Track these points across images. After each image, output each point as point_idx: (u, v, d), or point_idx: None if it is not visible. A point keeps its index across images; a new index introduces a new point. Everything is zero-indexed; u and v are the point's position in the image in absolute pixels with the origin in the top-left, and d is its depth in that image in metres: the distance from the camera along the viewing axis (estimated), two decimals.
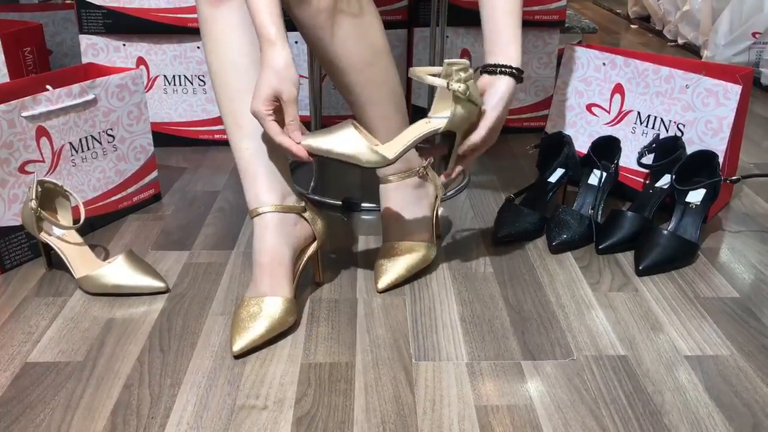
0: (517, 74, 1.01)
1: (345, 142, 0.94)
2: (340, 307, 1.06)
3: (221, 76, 1.01)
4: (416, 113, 1.75)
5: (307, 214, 1.03)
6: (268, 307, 0.96)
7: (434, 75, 0.96)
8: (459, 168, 1.04)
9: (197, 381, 0.89)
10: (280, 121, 0.93)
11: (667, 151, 1.28)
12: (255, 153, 1.01)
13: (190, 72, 1.66)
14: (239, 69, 1.00)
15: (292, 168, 1.56)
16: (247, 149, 1.01)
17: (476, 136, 1.00)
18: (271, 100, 0.91)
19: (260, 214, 1.00)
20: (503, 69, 1.00)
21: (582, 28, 2.12)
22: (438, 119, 0.97)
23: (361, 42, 1.01)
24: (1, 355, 0.94)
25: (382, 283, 1.09)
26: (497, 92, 1.00)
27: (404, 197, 1.13)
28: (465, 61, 0.94)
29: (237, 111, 1.01)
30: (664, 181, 1.28)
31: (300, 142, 0.92)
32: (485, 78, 1.02)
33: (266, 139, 1.02)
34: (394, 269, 1.10)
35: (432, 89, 1.54)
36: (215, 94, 1.03)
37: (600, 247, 1.20)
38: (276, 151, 1.02)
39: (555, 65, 1.75)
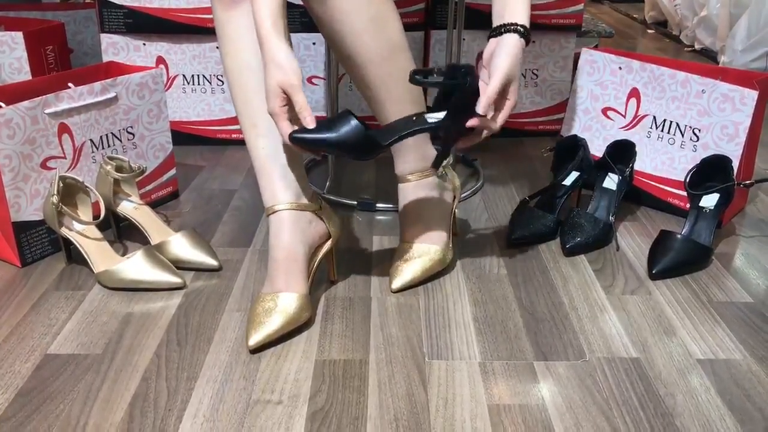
0: (522, 31, 0.96)
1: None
2: (354, 305, 1.07)
3: (236, 77, 1.03)
4: None
5: (322, 213, 1.05)
6: (283, 302, 0.97)
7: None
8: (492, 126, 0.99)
9: (213, 375, 0.91)
10: (294, 117, 0.94)
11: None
12: (270, 152, 1.03)
13: (209, 72, 1.68)
14: (254, 69, 1.02)
15: (308, 167, 1.58)
16: (263, 148, 1.03)
17: (491, 86, 0.94)
18: (281, 95, 0.92)
19: (276, 211, 1.02)
20: (508, 27, 0.96)
21: (598, 33, 2.12)
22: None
23: (378, 36, 1.02)
24: (22, 346, 0.96)
25: (397, 283, 1.10)
26: (503, 48, 0.95)
27: (423, 198, 1.14)
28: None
29: (252, 111, 1.03)
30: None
31: (296, 134, 0.93)
32: (493, 42, 0.98)
33: (281, 138, 1.03)
34: (409, 271, 1.11)
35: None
36: (231, 94, 1.05)
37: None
38: (292, 150, 1.03)
39: (571, 69, 1.75)
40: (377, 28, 1.02)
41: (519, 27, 0.96)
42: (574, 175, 1.32)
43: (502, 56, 0.95)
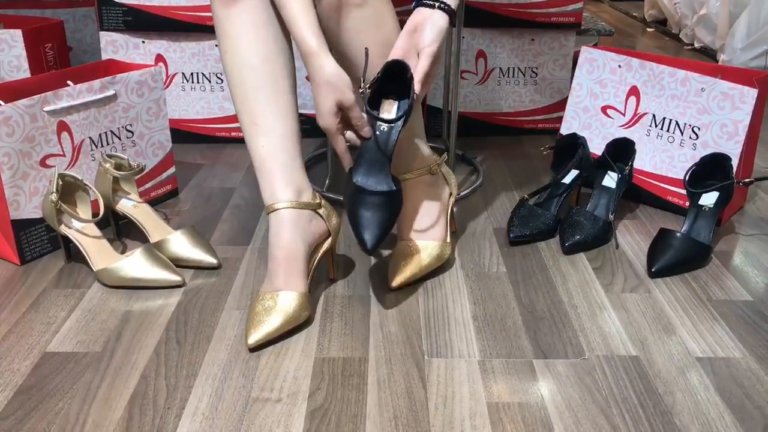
0: (449, 11, 0.98)
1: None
2: (353, 303, 1.07)
3: (236, 75, 1.03)
4: (431, 113, 1.76)
5: (322, 211, 1.05)
6: (283, 301, 0.97)
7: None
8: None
9: (213, 373, 0.91)
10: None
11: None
12: (270, 150, 1.03)
13: (208, 70, 1.68)
14: (253, 67, 1.02)
15: (308, 165, 1.58)
16: (263, 146, 1.03)
17: (421, 67, 0.98)
18: (336, 112, 0.95)
19: (276, 210, 1.02)
20: (441, 4, 0.98)
21: (598, 31, 2.12)
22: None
23: (373, 35, 1.02)
24: (21, 344, 0.96)
25: (396, 281, 1.10)
26: (435, 26, 0.98)
27: (419, 195, 1.14)
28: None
29: (252, 109, 1.03)
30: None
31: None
32: (423, 12, 0.99)
33: (281, 136, 1.03)
34: (408, 268, 1.11)
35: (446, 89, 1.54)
36: (231, 92, 1.05)
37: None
38: (291, 149, 1.03)
39: (571, 67, 1.75)
40: (372, 27, 1.02)
41: (448, 6, 0.98)
42: (573, 173, 1.32)
43: (432, 37, 0.98)
